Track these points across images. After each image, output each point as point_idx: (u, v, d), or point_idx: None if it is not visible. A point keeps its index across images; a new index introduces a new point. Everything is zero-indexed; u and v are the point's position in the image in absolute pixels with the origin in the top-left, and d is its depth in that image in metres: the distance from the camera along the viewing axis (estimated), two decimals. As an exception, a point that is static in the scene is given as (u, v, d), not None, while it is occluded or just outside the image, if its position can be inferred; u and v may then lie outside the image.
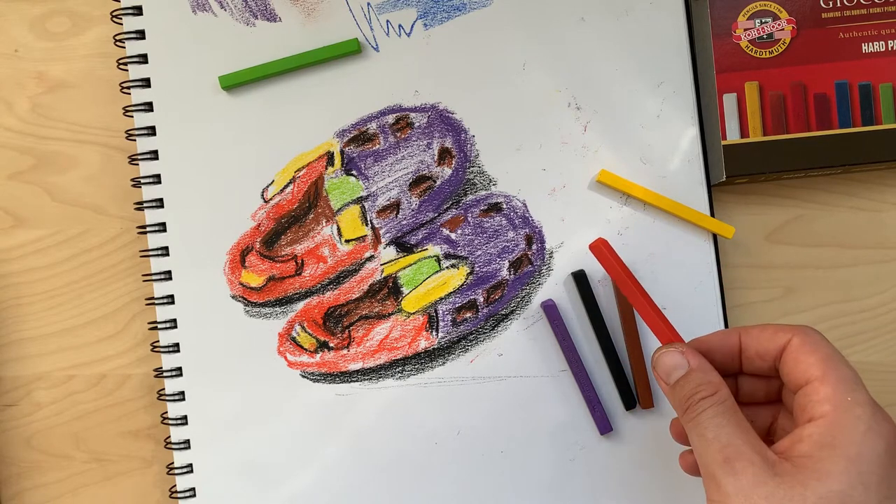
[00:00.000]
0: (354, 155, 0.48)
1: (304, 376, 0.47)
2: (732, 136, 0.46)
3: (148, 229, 0.47)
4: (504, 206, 0.48)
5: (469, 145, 0.48)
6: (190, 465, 0.47)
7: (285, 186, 0.48)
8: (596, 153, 0.48)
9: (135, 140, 0.48)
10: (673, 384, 0.36)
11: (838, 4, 0.46)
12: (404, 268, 0.47)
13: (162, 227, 0.47)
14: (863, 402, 0.32)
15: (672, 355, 0.36)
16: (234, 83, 0.47)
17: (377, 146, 0.48)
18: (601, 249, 0.39)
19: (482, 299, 0.47)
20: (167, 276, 0.47)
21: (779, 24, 0.46)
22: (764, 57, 0.46)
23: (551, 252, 0.47)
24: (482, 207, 0.48)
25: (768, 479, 0.30)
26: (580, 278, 0.47)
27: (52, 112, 0.50)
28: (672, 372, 0.36)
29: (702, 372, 0.35)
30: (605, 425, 0.46)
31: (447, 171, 0.48)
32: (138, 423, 0.49)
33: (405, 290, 0.47)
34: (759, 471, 0.31)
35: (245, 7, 0.48)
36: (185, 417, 0.47)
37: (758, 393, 0.38)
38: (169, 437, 0.47)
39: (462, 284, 0.47)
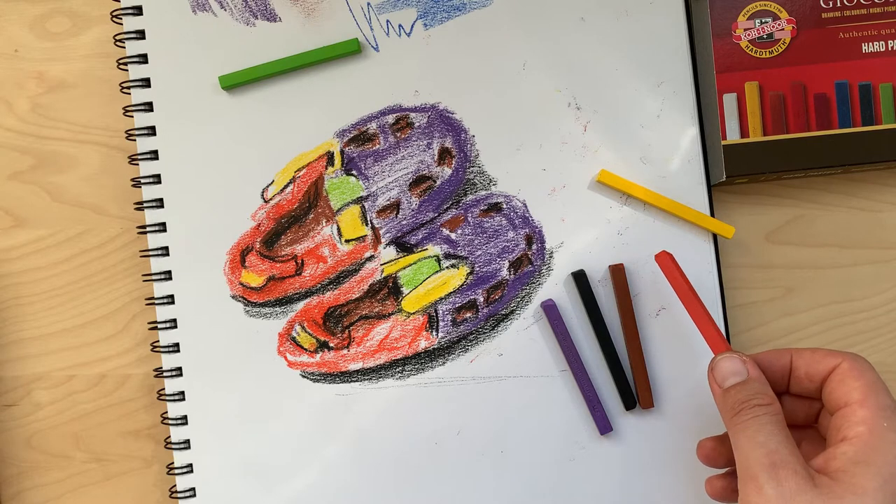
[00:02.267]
0: (354, 155, 0.48)
1: (304, 376, 0.47)
2: (732, 136, 0.46)
3: (148, 229, 0.47)
4: (504, 206, 0.48)
5: (469, 145, 0.48)
6: (190, 465, 0.47)
7: (285, 186, 0.48)
8: (596, 153, 0.48)
9: (135, 140, 0.48)
10: (727, 388, 0.37)
11: (838, 4, 0.46)
12: (404, 268, 0.47)
13: (162, 227, 0.47)
14: None
15: (733, 361, 0.37)
16: (234, 83, 0.47)
17: (377, 146, 0.48)
18: (667, 261, 0.40)
19: (482, 299, 0.47)
20: (167, 276, 0.47)
21: (779, 24, 0.46)
22: (764, 57, 0.46)
23: (551, 252, 0.47)
24: (482, 207, 0.48)
25: (809, 489, 0.32)
26: (580, 278, 0.47)
27: (52, 112, 0.50)
28: (729, 377, 0.37)
29: (760, 383, 0.36)
30: (605, 425, 0.46)
31: (447, 171, 0.48)
32: (138, 423, 0.49)
33: (405, 290, 0.47)
34: (801, 480, 0.32)
35: (245, 7, 0.48)
36: (185, 417, 0.47)
37: (797, 414, 0.39)
38: (169, 437, 0.47)
39: (462, 284, 0.47)
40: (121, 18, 0.48)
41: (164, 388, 0.47)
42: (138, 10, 0.48)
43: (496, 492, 0.47)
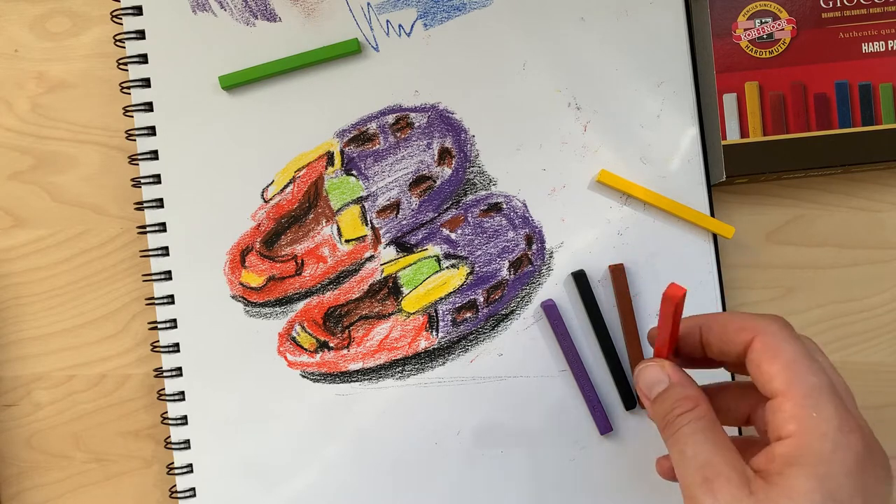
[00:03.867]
0: (354, 155, 0.48)
1: (304, 376, 0.47)
2: (732, 136, 0.46)
3: (148, 229, 0.47)
4: (504, 206, 0.48)
5: (469, 145, 0.48)
6: (190, 465, 0.47)
7: (285, 186, 0.48)
8: (596, 153, 0.48)
9: (135, 140, 0.48)
10: (654, 399, 0.36)
11: (838, 4, 0.46)
12: (404, 268, 0.47)
13: (162, 227, 0.47)
14: (828, 416, 0.31)
15: (652, 370, 0.36)
16: (234, 83, 0.47)
17: (377, 146, 0.48)
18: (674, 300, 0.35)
19: (482, 299, 0.47)
20: (167, 276, 0.47)
21: (779, 24, 0.46)
22: (764, 57, 0.46)
23: (551, 252, 0.47)
24: (482, 207, 0.48)
25: (744, 497, 0.31)
26: (580, 278, 0.47)
27: (52, 112, 0.50)
28: (653, 387, 0.36)
29: (681, 386, 0.35)
30: (605, 425, 0.46)
31: (447, 171, 0.48)
32: (138, 423, 0.49)
33: (405, 290, 0.47)
34: (735, 489, 0.31)
35: (245, 7, 0.48)
36: (185, 417, 0.47)
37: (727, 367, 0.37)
38: (169, 437, 0.47)
39: (462, 284, 0.47)
40: (121, 18, 0.48)
41: (164, 388, 0.47)
42: (138, 10, 0.48)
43: (496, 492, 0.47)
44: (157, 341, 0.47)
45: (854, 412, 0.32)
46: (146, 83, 0.48)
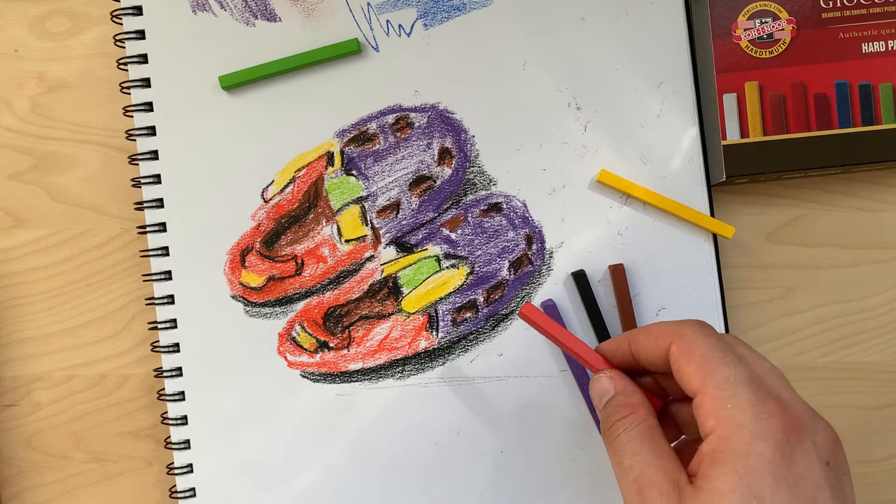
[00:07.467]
0: (354, 155, 0.48)
1: (304, 376, 0.47)
2: (732, 136, 0.46)
3: (148, 229, 0.47)
4: (504, 206, 0.48)
5: (469, 145, 0.48)
6: (190, 465, 0.47)
7: (285, 186, 0.48)
8: (596, 153, 0.48)
9: (135, 140, 0.48)
10: (601, 409, 0.35)
11: (838, 4, 0.46)
12: (404, 268, 0.47)
13: (162, 227, 0.47)
14: (743, 405, 0.30)
15: (600, 381, 0.36)
16: (234, 83, 0.47)
17: (377, 146, 0.48)
18: (528, 317, 0.38)
19: (482, 299, 0.47)
20: (167, 276, 0.47)
21: (779, 24, 0.46)
22: (764, 57, 0.46)
23: (551, 252, 0.47)
24: (482, 207, 0.48)
25: None
26: (580, 278, 0.47)
27: (52, 112, 0.50)
28: (602, 397, 0.35)
29: (623, 394, 0.35)
30: (605, 425, 0.46)
31: (447, 171, 0.48)
32: (138, 423, 0.49)
33: (405, 290, 0.47)
34: (665, 499, 0.30)
35: (245, 7, 0.48)
36: (185, 417, 0.47)
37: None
38: (169, 437, 0.47)
39: (462, 284, 0.47)
40: (121, 18, 0.48)
41: (164, 388, 0.47)
42: (138, 10, 0.48)
43: (496, 491, 0.47)
44: (157, 341, 0.47)
45: (782, 394, 0.31)
46: (146, 83, 0.48)
